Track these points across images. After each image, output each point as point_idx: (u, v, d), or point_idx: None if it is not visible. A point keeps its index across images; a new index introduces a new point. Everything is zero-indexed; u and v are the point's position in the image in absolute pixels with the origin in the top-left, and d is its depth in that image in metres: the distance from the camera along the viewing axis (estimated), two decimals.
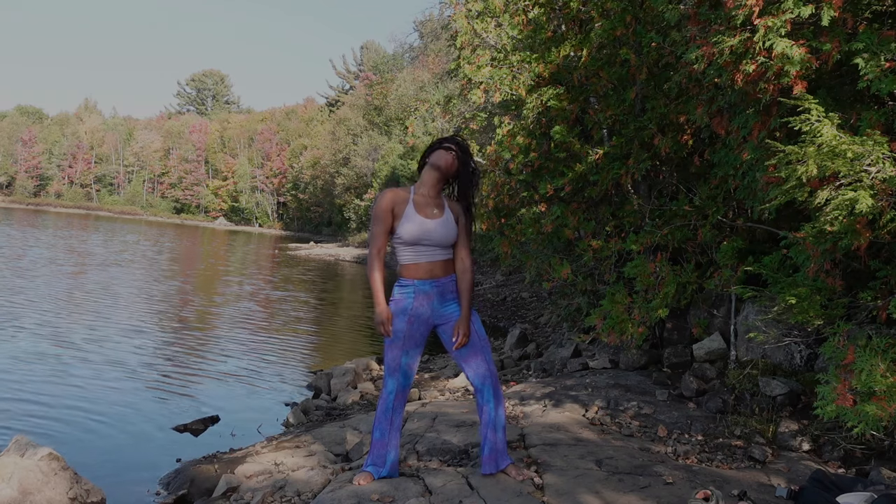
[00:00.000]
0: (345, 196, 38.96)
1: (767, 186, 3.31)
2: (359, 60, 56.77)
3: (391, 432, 3.07)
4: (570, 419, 4.22)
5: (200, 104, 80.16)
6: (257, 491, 3.44)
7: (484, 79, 6.37)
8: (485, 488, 2.93)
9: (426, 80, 30.79)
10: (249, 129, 63.45)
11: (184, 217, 63.16)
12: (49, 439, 4.55)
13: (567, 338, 7.39)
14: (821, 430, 3.72)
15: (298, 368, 7.80)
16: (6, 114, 74.07)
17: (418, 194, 3.02)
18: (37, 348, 7.62)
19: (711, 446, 3.70)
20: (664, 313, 4.82)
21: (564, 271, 5.75)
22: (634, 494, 2.89)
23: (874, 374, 2.79)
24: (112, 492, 3.76)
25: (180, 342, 8.72)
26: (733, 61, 3.34)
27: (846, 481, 2.88)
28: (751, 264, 4.17)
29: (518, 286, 13.70)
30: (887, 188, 2.77)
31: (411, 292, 2.99)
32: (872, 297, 3.22)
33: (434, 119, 22.44)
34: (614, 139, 5.53)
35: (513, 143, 6.23)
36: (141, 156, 68.74)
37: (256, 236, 46.31)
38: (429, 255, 2.99)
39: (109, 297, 12.01)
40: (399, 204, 2.98)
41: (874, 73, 2.89)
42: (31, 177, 67.95)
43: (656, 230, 5.16)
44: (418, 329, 3.01)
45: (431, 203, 3.01)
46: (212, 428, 5.41)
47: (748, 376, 4.44)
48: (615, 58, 5.62)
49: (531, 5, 6.53)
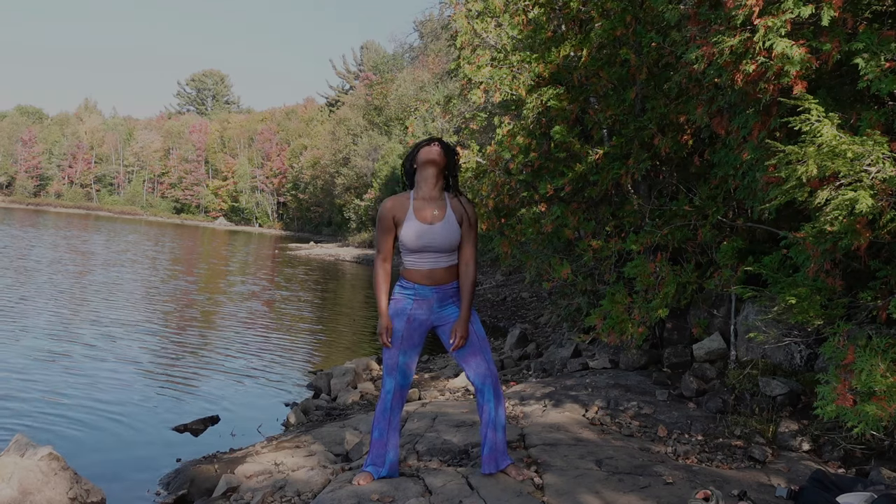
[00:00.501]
0: (345, 196, 38.96)
1: (767, 186, 3.31)
2: (359, 60, 56.79)
3: (390, 432, 3.07)
4: (570, 419, 4.22)
5: (200, 104, 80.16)
6: (257, 491, 3.44)
7: (484, 79, 6.36)
8: (485, 488, 2.93)
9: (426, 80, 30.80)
10: (249, 129, 63.46)
11: (184, 217, 63.16)
12: (49, 439, 4.55)
13: (567, 338, 7.39)
14: (821, 430, 3.72)
15: (298, 368, 7.80)
16: (6, 114, 74.09)
17: (418, 198, 3.01)
18: (37, 348, 7.62)
19: (711, 446, 3.70)
20: (664, 313, 4.82)
21: (564, 271, 5.75)
22: (634, 494, 2.89)
23: (874, 374, 2.79)
24: (112, 492, 3.76)
25: (180, 342, 8.72)
26: (733, 61, 3.34)
27: (846, 481, 2.88)
28: (751, 264, 4.17)
29: (518, 286, 13.70)
30: (887, 188, 2.77)
31: (412, 295, 3.00)
32: (872, 297, 3.22)
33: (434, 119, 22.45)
34: (614, 139, 5.53)
35: (513, 143, 6.23)
36: (141, 156, 68.75)
37: (256, 236, 46.31)
38: (432, 261, 2.98)
39: (109, 297, 12.01)
40: (399, 210, 2.98)
41: (874, 73, 2.89)
42: (31, 177, 67.97)
43: (656, 230, 5.16)
44: (416, 330, 3.01)
45: (433, 204, 2.99)
46: (212, 428, 5.41)
47: (748, 376, 4.43)
48: (615, 58, 5.62)
49: (531, 5, 6.53)
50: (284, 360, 8.09)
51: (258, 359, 8.03)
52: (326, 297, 15.35)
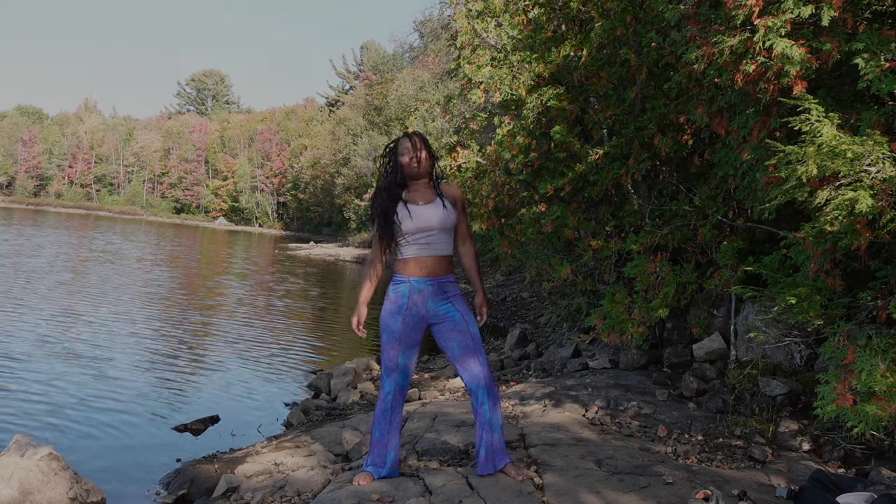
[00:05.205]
0: (345, 196, 38.94)
1: (767, 186, 3.31)
2: (359, 60, 56.79)
3: (390, 432, 3.07)
4: (570, 419, 4.22)
5: (200, 104, 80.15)
6: (257, 491, 3.45)
7: (484, 79, 6.37)
8: (485, 488, 2.93)
9: (426, 80, 30.77)
10: (249, 129, 63.44)
11: (184, 217, 63.15)
12: (49, 439, 4.55)
13: (567, 338, 7.38)
14: (821, 430, 3.72)
15: (298, 368, 7.80)
16: (6, 114, 74.09)
17: (408, 191, 3.04)
18: (37, 348, 7.62)
19: (711, 446, 3.70)
20: (664, 313, 4.82)
21: (564, 271, 5.74)
22: (634, 494, 2.89)
23: (874, 374, 2.79)
24: (112, 492, 3.77)
25: (180, 342, 8.72)
26: (733, 61, 3.34)
27: (846, 481, 2.88)
28: (751, 264, 4.17)
29: (518, 286, 13.70)
30: (887, 188, 2.77)
31: (406, 290, 2.98)
32: (872, 297, 3.22)
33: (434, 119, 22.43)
34: (614, 139, 5.53)
35: (513, 143, 6.23)
36: (141, 156, 68.73)
37: (256, 236, 46.31)
38: (430, 248, 2.97)
39: (109, 297, 12.00)
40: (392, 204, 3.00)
41: (874, 73, 2.89)
42: (31, 177, 67.97)
43: (656, 230, 5.16)
44: (413, 329, 3.00)
45: (423, 196, 3.02)
46: (212, 428, 5.41)
47: (748, 376, 4.43)
48: (615, 58, 5.62)
49: (531, 5, 6.53)
50: (284, 360, 8.09)
51: (258, 359, 8.03)
52: (326, 297, 15.35)
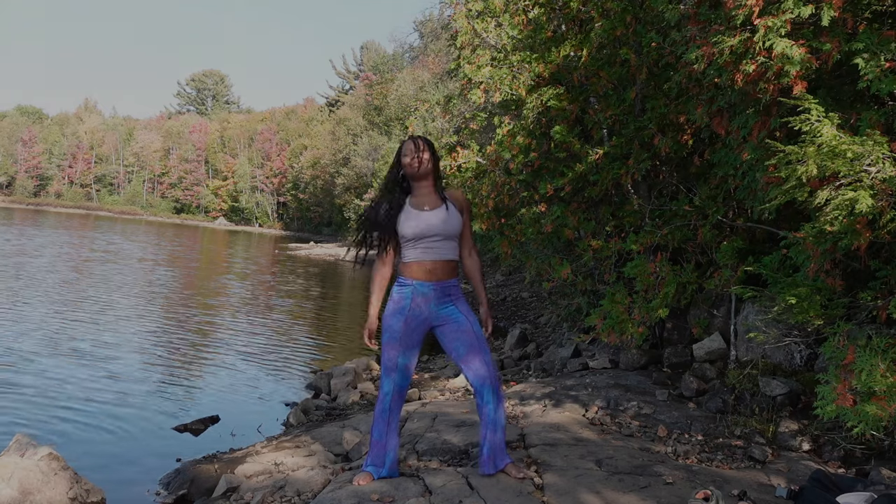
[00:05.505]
0: (345, 196, 38.93)
1: (767, 186, 3.31)
2: (359, 60, 56.78)
3: (389, 432, 3.07)
4: (570, 419, 4.22)
5: (200, 104, 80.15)
6: (257, 491, 3.45)
7: (484, 79, 6.37)
8: (485, 488, 2.93)
9: (426, 80, 30.77)
10: (249, 129, 63.45)
11: (184, 217, 63.15)
12: (49, 439, 4.55)
13: (567, 338, 7.38)
14: (821, 430, 3.72)
15: (298, 368, 7.79)
16: (6, 114, 74.11)
17: (413, 196, 3.04)
18: (38, 347, 7.62)
19: (711, 446, 3.70)
20: (664, 313, 4.82)
21: (564, 271, 5.74)
22: (634, 494, 2.89)
23: (874, 374, 2.79)
24: (112, 492, 3.77)
25: (180, 342, 8.72)
26: (733, 61, 3.34)
27: (846, 481, 2.88)
28: (751, 264, 4.17)
29: (518, 286, 13.70)
30: (887, 188, 2.77)
31: (409, 293, 2.99)
32: (872, 297, 3.22)
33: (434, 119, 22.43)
34: (614, 139, 5.53)
35: (513, 143, 6.23)
36: (141, 156, 68.73)
37: (256, 236, 46.30)
38: (434, 252, 2.97)
39: (109, 297, 12.00)
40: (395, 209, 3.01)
41: (874, 73, 2.89)
42: (31, 177, 67.99)
43: (656, 230, 5.16)
44: (415, 330, 3.00)
45: (428, 200, 3.02)
46: (212, 428, 5.41)
47: (748, 376, 4.43)
48: (615, 58, 5.62)
49: (531, 5, 6.53)
50: (284, 360, 8.09)
51: (258, 359, 8.03)
52: (326, 297, 15.35)
